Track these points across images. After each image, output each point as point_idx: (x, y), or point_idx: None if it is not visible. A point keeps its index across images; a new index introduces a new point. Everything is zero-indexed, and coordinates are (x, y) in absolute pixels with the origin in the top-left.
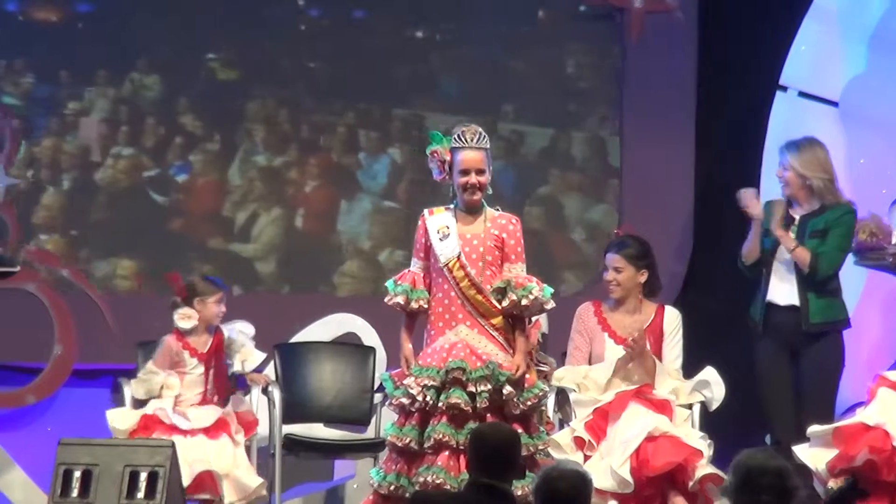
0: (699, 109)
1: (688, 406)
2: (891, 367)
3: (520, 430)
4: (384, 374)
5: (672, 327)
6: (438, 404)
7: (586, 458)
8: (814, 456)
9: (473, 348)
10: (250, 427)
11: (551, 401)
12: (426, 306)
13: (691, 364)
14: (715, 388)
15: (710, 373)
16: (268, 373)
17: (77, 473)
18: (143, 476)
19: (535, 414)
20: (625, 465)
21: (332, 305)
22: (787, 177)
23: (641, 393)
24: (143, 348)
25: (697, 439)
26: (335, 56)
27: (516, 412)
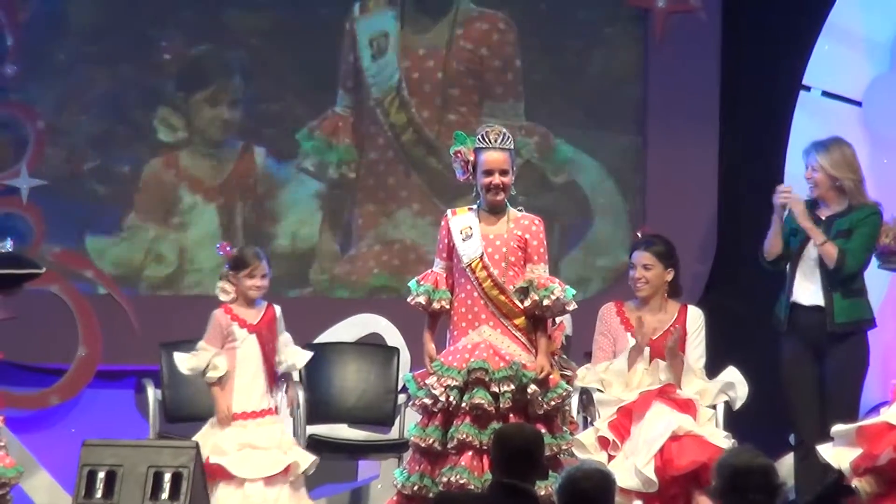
0: (722, 109)
1: (712, 406)
2: None
3: (543, 430)
4: (407, 375)
5: (695, 327)
6: (462, 405)
7: (610, 457)
8: (837, 455)
9: (496, 349)
10: None
11: (575, 401)
12: (448, 307)
13: (714, 365)
14: (739, 388)
15: (732, 373)
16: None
17: (101, 474)
18: (167, 477)
19: (558, 414)
20: (649, 464)
21: (356, 306)
22: (816, 178)
23: (665, 392)
24: (167, 349)
25: (721, 438)
26: None
27: (540, 412)
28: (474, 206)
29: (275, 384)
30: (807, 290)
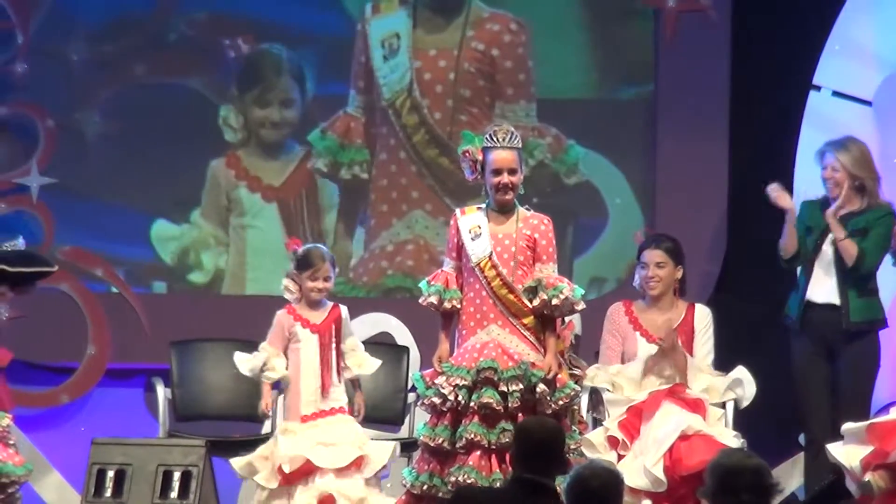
0: (733, 109)
1: (721, 405)
2: None
3: None
4: (416, 374)
5: (703, 325)
6: (470, 404)
7: (620, 457)
8: (847, 453)
9: (505, 348)
10: None
11: (584, 401)
12: (459, 306)
13: (723, 364)
14: (747, 387)
15: (741, 371)
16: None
17: (110, 473)
18: (176, 476)
19: (567, 413)
20: (658, 463)
21: (369, 305)
22: (837, 177)
23: (675, 392)
24: (177, 348)
25: (731, 438)
26: None
27: (548, 411)
28: (483, 206)
29: (336, 384)
30: (822, 288)
